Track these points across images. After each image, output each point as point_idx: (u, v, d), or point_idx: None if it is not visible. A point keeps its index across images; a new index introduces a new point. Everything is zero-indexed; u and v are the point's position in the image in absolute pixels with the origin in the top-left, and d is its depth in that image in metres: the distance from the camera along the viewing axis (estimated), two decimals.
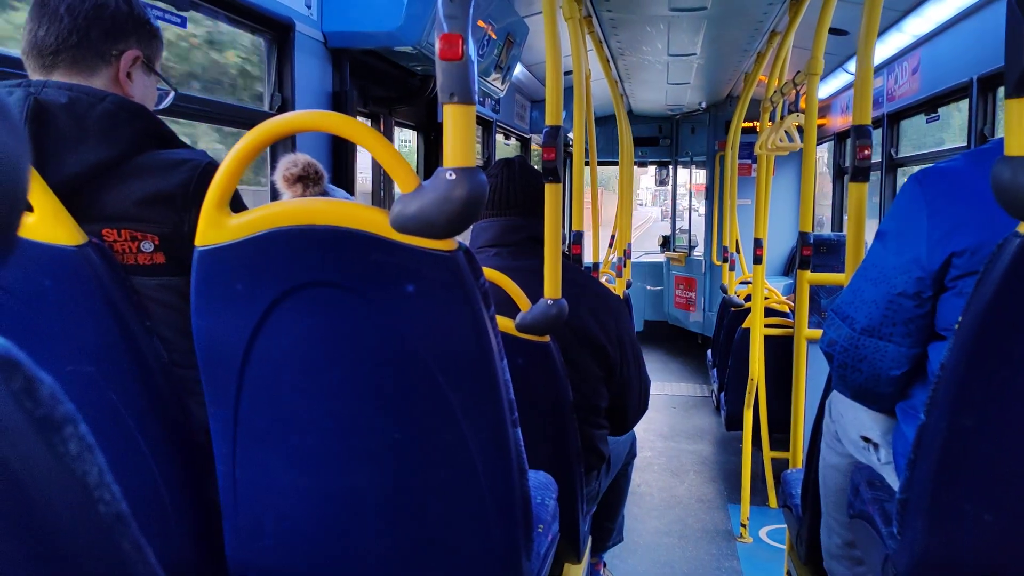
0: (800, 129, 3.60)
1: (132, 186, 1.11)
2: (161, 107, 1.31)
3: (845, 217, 5.60)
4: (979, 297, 1.02)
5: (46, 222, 1.03)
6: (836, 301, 1.43)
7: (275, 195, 1.75)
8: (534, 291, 1.66)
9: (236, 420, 1.06)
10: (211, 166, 1.14)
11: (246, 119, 2.30)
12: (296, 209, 0.98)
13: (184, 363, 1.15)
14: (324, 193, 1.75)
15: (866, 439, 1.46)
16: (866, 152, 1.82)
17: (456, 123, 0.94)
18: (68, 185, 1.07)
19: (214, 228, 0.99)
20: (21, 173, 0.30)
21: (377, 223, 0.96)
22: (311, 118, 1.03)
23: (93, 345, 1.08)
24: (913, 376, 1.32)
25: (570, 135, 5.47)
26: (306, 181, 1.63)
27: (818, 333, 2.51)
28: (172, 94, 1.33)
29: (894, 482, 1.39)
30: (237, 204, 1.06)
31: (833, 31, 4.03)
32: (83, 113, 1.10)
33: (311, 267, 0.99)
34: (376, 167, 3.64)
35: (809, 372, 2.57)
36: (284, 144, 2.45)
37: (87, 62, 1.16)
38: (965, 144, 3.24)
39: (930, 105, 3.77)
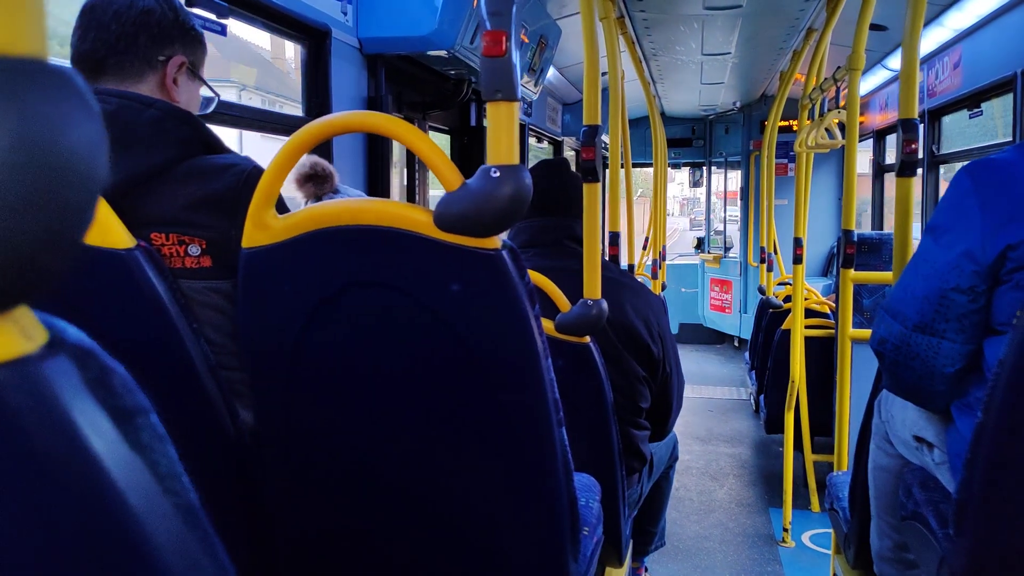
0: (841, 126, 3.55)
1: (180, 191, 1.12)
2: (205, 113, 1.32)
3: (885, 215, 5.51)
4: None
5: (95, 226, 1.04)
6: (886, 298, 1.40)
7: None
8: (573, 291, 1.65)
9: (285, 422, 1.06)
10: (256, 171, 1.15)
11: (284, 125, 2.32)
12: (341, 209, 0.98)
13: (231, 365, 1.16)
14: (335, 191, 1.77)
15: (919, 439, 1.42)
16: (913, 146, 1.78)
17: (500, 120, 0.93)
18: (117, 190, 1.09)
19: (260, 229, 0.99)
20: (100, 171, 0.30)
21: (421, 222, 0.96)
22: (356, 118, 1.03)
23: (141, 348, 1.09)
24: (967, 373, 1.28)
25: (604, 137, 5.45)
26: (316, 179, 1.66)
27: (862, 333, 2.46)
28: (215, 100, 1.34)
29: (949, 483, 1.35)
30: (280, 206, 1.06)
31: (872, 27, 3.96)
32: (131, 119, 1.11)
33: (356, 267, 0.99)
34: (410, 169, 3.66)
35: (853, 373, 2.52)
36: (320, 151, 2.47)
37: (134, 68, 1.17)
38: (1010, 140, 3.16)
39: (973, 100, 3.69)
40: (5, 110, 0.25)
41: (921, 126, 4.26)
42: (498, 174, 0.92)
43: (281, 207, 1.07)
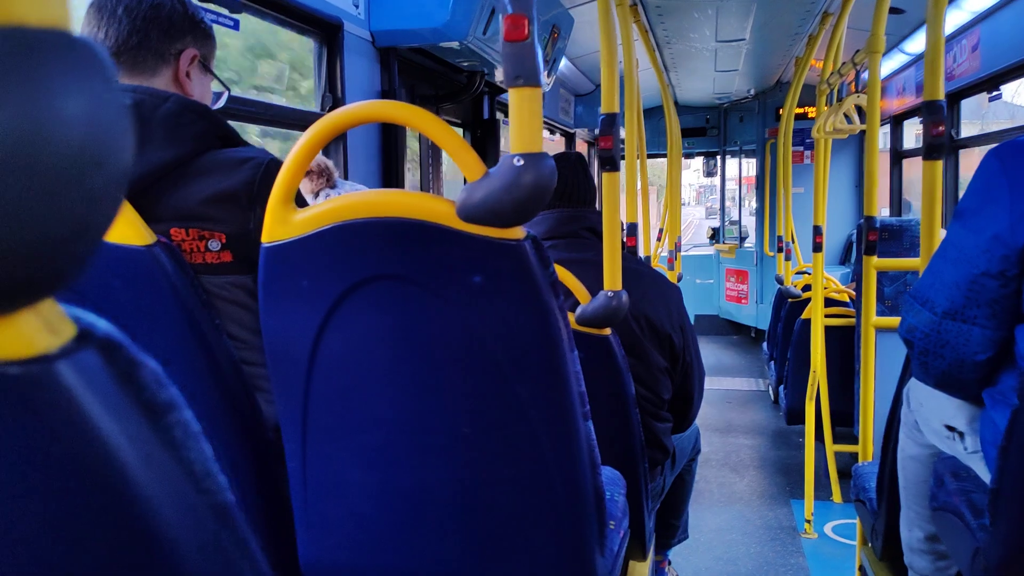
0: (860, 110, 3.50)
1: (197, 185, 1.11)
2: (216, 107, 1.31)
3: (904, 201, 5.44)
4: None
5: (115, 223, 1.03)
6: (915, 285, 1.37)
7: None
8: (592, 283, 1.64)
9: (305, 417, 1.05)
10: (274, 163, 1.13)
11: (297, 120, 2.31)
12: (361, 202, 0.97)
13: (253, 360, 1.15)
14: (333, 187, 1.75)
15: (950, 428, 1.39)
16: (940, 128, 1.74)
17: (522, 107, 0.91)
18: (135, 186, 1.08)
19: (280, 224, 0.98)
20: (126, 154, 0.28)
21: (443, 213, 0.94)
22: (375, 108, 1.02)
23: (164, 344, 1.08)
24: (1000, 361, 1.25)
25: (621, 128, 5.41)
26: (312, 175, 1.63)
27: (885, 321, 2.43)
28: (226, 94, 1.33)
29: (982, 472, 1.32)
30: (298, 200, 1.05)
31: (890, 10, 3.90)
32: (147, 114, 1.10)
33: (377, 260, 0.98)
34: (424, 160, 3.64)
35: (876, 362, 2.49)
36: (336, 144, 2.46)
37: (148, 63, 1.16)
38: None
39: (992, 83, 3.63)
40: (27, 85, 0.23)
41: None
42: (521, 162, 0.90)
43: (300, 201, 1.06)
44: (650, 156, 7.45)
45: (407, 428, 1.05)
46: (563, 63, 5.05)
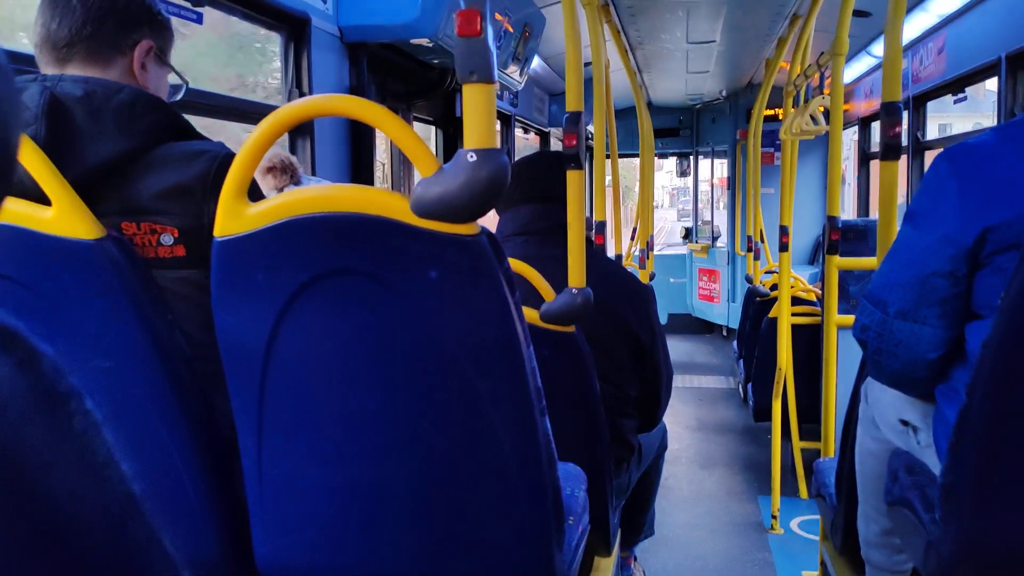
0: (826, 112, 3.55)
1: (150, 178, 1.10)
2: (173, 100, 1.30)
3: (871, 202, 5.52)
4: (1022, 271, 0.98)
5: (64, 216, 1.02)
6: (868, 286, 1.39)
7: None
8: (562, 279, 1.64)
9: (260, 414, 1.04)
10: (229, 157, 1.12)
11: (258, 114, 2.29)
12: (316, 197, 0.96)
13: (208, 357, 1.14)
14: (297, 183, 1.74)
15: (905, 422, 1.42)
16: (896, 130, 1.77)
17: (476, 102, 0.91)
18: (86, 178, 1.06)
19: (233, 218, 0.97)
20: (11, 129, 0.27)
21: (398, 208, 0.94)
22: (328, 102, 1.01)
23: (115, 340, 1.07)
24: (951, 358, 1.27)
25: (590, 127, 5.43)
26: (275, 172, 1.62)
27: (848, 319, 2.46)
28: (184, 87, 1.31)
29: (935, 466, 1.34)
30: (254, 194, 1.04)
31: (856, 13, 3.95)
32: (100, 106, 1.09)
33: (332, 255, 0.97)
34: (395, 157, 3.63)
35: (839, 359, 2.52)
36: (304, 140, 2.44)
37: (102, 54, 1.14)
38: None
39: (957, 85, 3.69)
40: None
41: (906, 112, 4.26)
42: (475, 158, 0.90)
43: (255, 195, 1.05)
44: (623, 156, 7.50)
45: (364, 425, 1.05)
46: (537, 62, 5.06)
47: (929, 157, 4.25)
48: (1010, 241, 1.13)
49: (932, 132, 4.41)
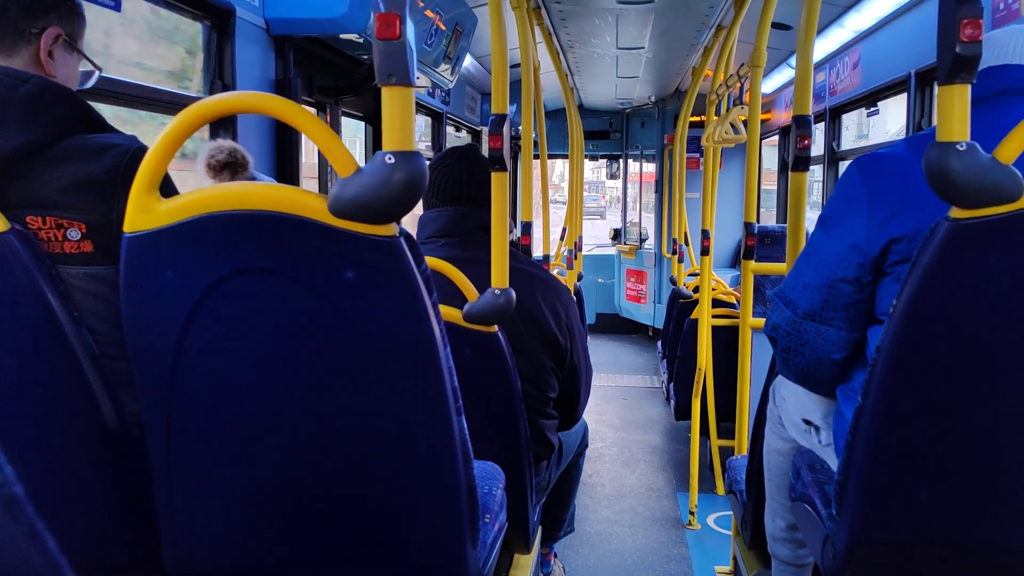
0: (746, 122, 3.66)
1: (57, 172, 1.07)
2: (85, 88, 1.26)
3: None
4: (912, 281, 1.04)
5: None
6: (779, 286, 1.45)
7: None
8: (483, 282, 1.65)
9: (170, 413, 1.02)
10: (141, 151, 1.10)
11: (176, 104, 2.22)
12: (230, 193, 0.95)
13: (116, 355, 1.11)
14: (252, 179, 1.67)
15: (808, 422, 1.49)
16: (806, 142, 1.85)
17: (395, 105, 0.92)
18: None
19: (143, 213, 0.95)
20: None
21: (315, 208, 0.93)
22: (243, 98, 1.00)
23: (16, 336, 1.03)
24: (854, 359, 1.34)
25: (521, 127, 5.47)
26: (234, 167, 1.54)
27: (762, 322, 2.55)
28: (96, 74, 1.28)
29: (835, 464, 1.41)
30: (168, 189, 1.02)
31: (777, 25, 4.09)
32: (4, 96, 1.05)
33: (246, 254, 0.96)
34: (324, 157, 3.58)
35: (754, 360, 2.61)
36: (226, 135, 2.38)
37: (5, 42, 1.10)
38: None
39: (870, 99, 3.86)
40: None
41: (823, 123, 4.42)
42: (393, 160, 0.91)
43: (168, 189, 1.03)
44: (553, 157, 7.57)
45: (278, 424, 1.04)
46: (470, 61, 5.06)
47: (843, 167, 4.43)
48: (911, 253, 1.19)
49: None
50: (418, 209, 1.64)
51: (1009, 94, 1.22)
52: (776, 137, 5.88)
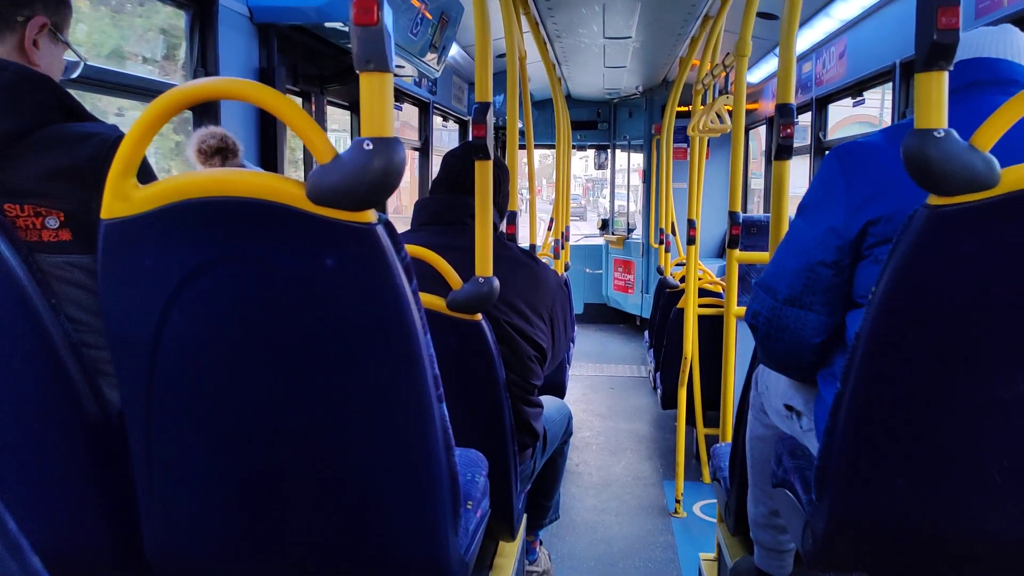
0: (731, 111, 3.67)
1: (36, 160, 1.06)
2: (69, 78, 1.25)
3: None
4: (891, 267, 1.05)
5: None
6: (761, 274, 1.46)
7: None
8: (469, 269, 1.65)
9: (149, 401, 1.02)
10: (121, 139, 1.09)
11: (157, 92, 2.20)
12: (208, 180, 0.95)
13: (95, 343, 1.11)
14: (242, 166, 1.66)
15: (789, 407, 1.50)
16: (789, 131, 1.85)
17: (373, 91, 0.92)
18: None
19: (120, 199, 0.94)
20: None
21: (294, 195, 0.93)
22: (219, 85, 1.00)
23: None
24: (833, 344, 1.35)
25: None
26: (225, 153, 1.53)
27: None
28: (81, 64, 1.27)
29: (815, 450, 1.42)
30: (146, 175, 1.02)
31: (763, 15, 4.10)
32: None
33: (225, 240, 0.96)
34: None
35: (738, 349, 2.62)
36: (209, 122, 2.37)
37: None
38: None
39: (856, 89, 3.87)
40: None
41: (809, 113, 4.43)
42: (371, 147, 0.90)
43: (146, 176, 1.02)
44: (540, 147, 7.56)
45: (258, 412, 1.04)
46: (456, 51, 5.04)
47: None
48: (888, 234, 1.21)
49: None
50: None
51: (982, 85, 1.24)
52: (763, 126, 5.89)
